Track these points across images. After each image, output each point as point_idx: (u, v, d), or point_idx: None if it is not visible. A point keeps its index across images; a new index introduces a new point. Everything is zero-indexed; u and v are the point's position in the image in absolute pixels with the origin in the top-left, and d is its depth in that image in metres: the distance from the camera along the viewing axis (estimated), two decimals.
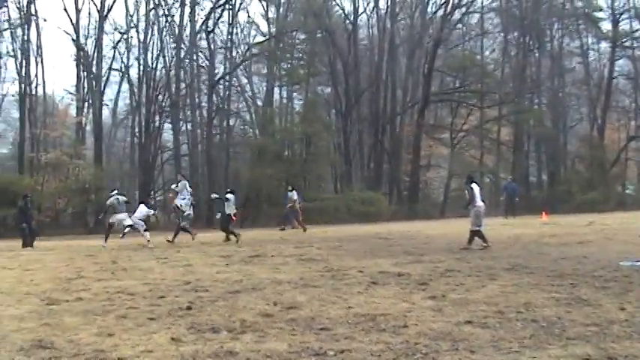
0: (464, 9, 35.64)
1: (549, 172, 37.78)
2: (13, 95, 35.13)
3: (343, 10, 37.05)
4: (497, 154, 37.33)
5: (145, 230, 16.78)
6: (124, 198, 17.37)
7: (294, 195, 22.95)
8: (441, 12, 35.31)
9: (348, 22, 36.53)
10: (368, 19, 38.16)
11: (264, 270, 9.88)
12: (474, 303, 6.31)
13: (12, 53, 34.17)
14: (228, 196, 17.84)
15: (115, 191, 18.06)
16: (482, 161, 37.00)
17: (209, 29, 34.68)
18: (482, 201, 12.81)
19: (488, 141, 37.42)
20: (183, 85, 34.93)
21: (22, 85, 33.41)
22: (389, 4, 36.05)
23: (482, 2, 36.78)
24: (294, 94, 37.37)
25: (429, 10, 36.41)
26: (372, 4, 37.09)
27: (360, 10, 37.18)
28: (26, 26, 33.83)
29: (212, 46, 35.29)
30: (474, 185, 12.82)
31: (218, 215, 18.90)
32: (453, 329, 5.12)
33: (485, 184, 35.59)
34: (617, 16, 36.57)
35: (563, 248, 12.05)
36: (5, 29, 33.89)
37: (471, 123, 36.93)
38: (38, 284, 8.60)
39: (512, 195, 26.43)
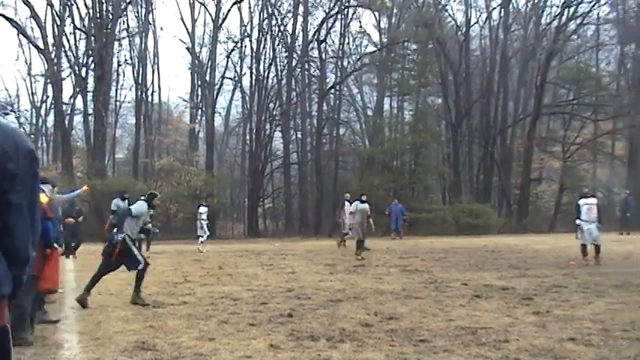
0: (579, 20, 34.66)
1: None
2: (129, 102, 36.34)
3: (455, 20, 36.80)
4: (610, 169, 36.08)
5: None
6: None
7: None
8: (555, 23, 34.42)
9: (460, 33, 36.21)
10: (480, 30, 37.83)
11: (367, 280, 9.99)
12: (579, 320, 6.22)
13: (130, 61, 35.32)
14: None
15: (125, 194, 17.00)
16: (596, 175, 35.88)
17: (321, 39, 34.89)
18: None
19: (602, 155, 36.38)
20: (294, 94, 35.23)
21: (139, 92, 34.43)
22: (502, 15, 35.56)
23: (598, 14, 35.76)
24: (405, 104, 37.26)
25: (543, 21, 35.58)
26: (484, 15, 36.80)
27: (473, 20, 36.94)
28: (144, 35, 34.89)
29: (323, 56, 35.52)
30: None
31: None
32: (555, 346, 5.04)
33: (599, 199, 34.22)
34: None
35: None
36: (124, 38, 34.97)
37: (584, 136, 35.96)
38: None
39: (626, 210, 25.74)
